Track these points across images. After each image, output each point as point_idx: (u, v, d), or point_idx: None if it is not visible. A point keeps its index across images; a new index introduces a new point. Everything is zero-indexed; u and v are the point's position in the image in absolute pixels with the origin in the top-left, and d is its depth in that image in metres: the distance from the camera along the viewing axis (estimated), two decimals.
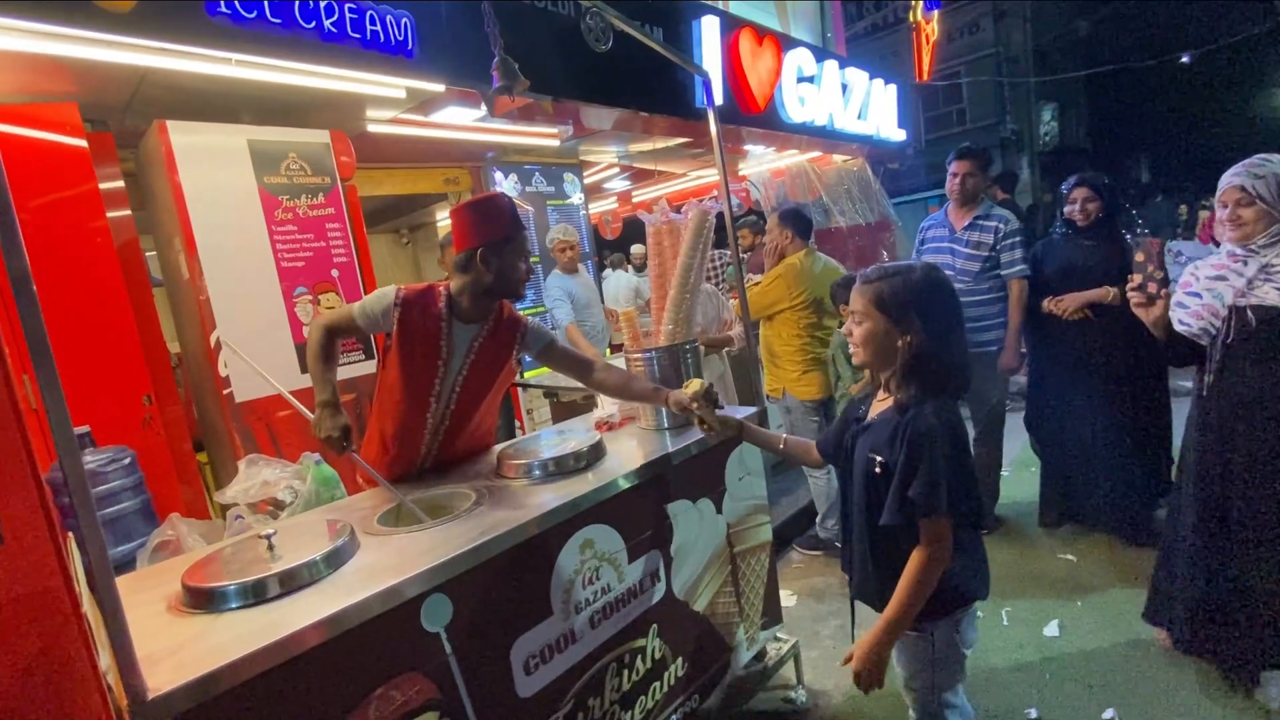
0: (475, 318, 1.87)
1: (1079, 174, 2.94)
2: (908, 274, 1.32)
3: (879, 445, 1.34)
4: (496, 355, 1.91)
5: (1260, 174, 1.77)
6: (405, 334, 1.80)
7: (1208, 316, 1.88)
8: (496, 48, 1.60)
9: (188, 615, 1.18)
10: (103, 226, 2.49)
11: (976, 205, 3.09)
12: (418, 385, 1.84)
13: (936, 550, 1.27)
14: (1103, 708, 2.03)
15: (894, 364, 1.33)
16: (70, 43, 1.76)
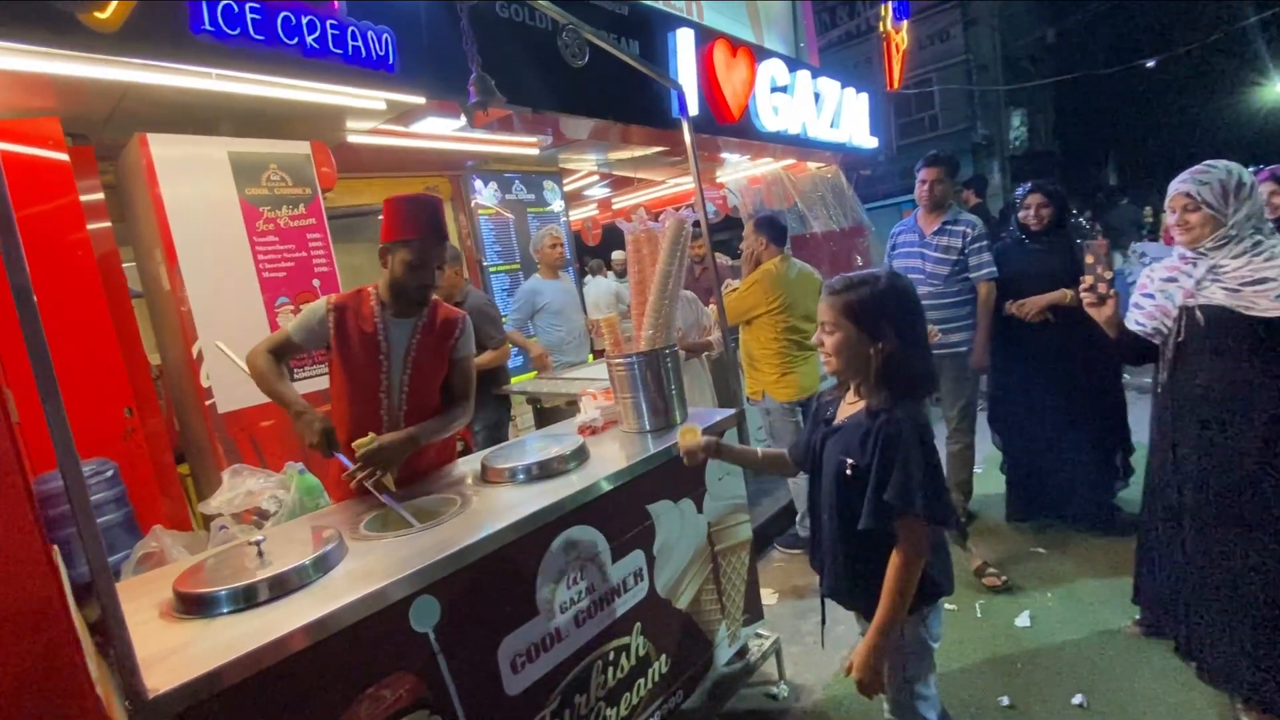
0: (405, 313, 1.90)
1: (1032, 180, 3.09)
2: (875, 283, 1.36)
3: (850, 448, 1.37)
4: (436, 351, 1.95)
5: (1205, 180, 1.87)
6: (343, 336, 1.86)
7: (1160, 316, 1.98)
8: (474, 64, 1.65)
9: (181, 621, 1.21)
10: (83, 238, 2.49)
11: (945, 210, 3.20)
12: (365, 384, 1.88)
13: (914, 550, 1.31)
14: (1072, 693, 2.11)
15: (865, 371, 1.37)
16: (56, 60, 1.78)
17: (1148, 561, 2.23)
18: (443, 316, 1.98)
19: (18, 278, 0.92)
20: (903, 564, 1.31)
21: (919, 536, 1.31)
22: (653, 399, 2.08)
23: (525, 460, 1.81)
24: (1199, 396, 1.93)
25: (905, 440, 1.29)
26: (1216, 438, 1.91)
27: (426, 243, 1.82)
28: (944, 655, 2.38)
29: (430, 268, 1.84)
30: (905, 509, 1.28)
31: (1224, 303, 1.83)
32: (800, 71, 4.57)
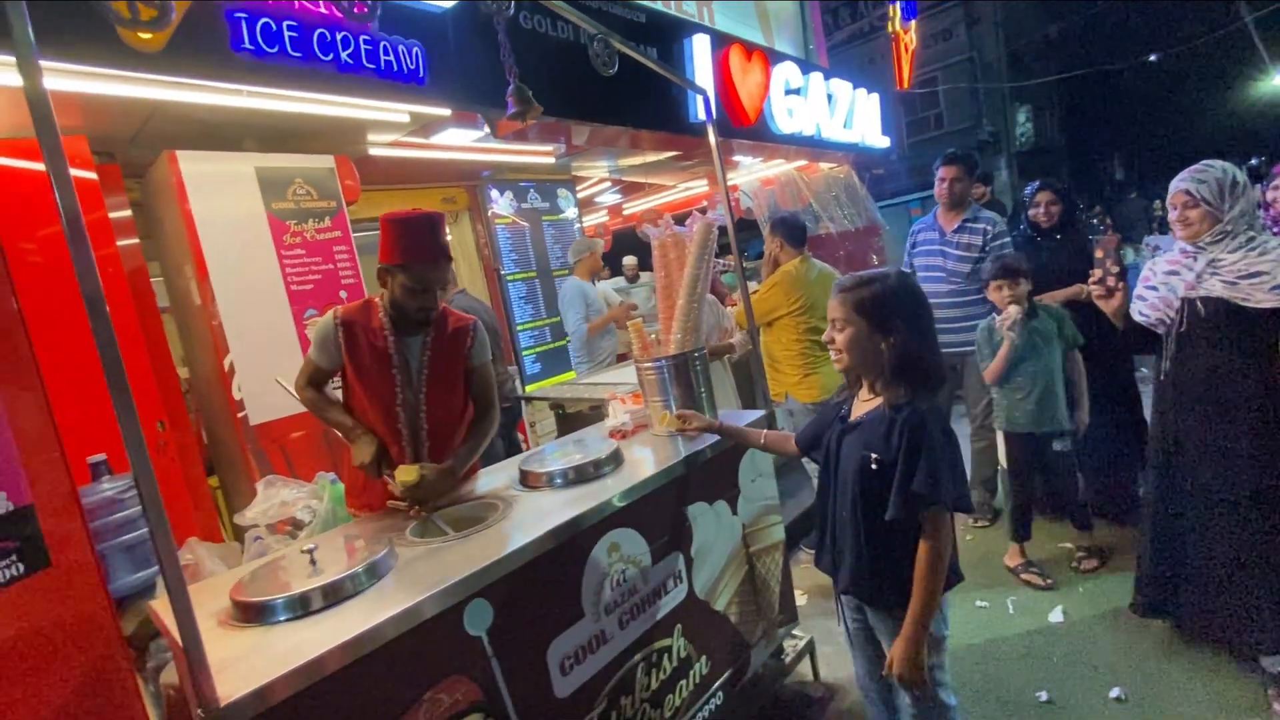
0: (412, 329, 1.83)
1: (1041, 179, 3.11)
2: (884, 280, 1.41)
3: (873, 443, 1.40)
4: (451, 362, 1.88)
5: (1203, 179, 1.94)
6: (353, 349, 1.81)
7: (1163, 308, 2.05)
8: (511, 75, 1.67)
9: (241, 629, 1.22)
10: (113, 254, 2.53)
11: (965, 209, 3.20)
12: (380, 398, 1.82)
13: (942, 538, 1.35)
14: (1110, 687, 2.10)
15: (877, 366, 1.41)
16: (92, 79, 1.81)
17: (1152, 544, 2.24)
18: (453, 325, 1.91)
19: (90, 288, 0.94)
20: (933, 553, 1.35)
21: (945, 525, 1.35)
22: (682, 402, 2.09)
23: (564, 465, 1.82)
24: (1200, 384, 1.99)
25: (930, 431, 1.33)
26: (1216, 424, 1.97)
27: (426, 266, 1.73)
28: (979, 653, 2.37)
29: (432, 291, 1.76)
30: (934, 499, 1.31)
31: (1223, 295, 1.90)
32: (813, 74, 4.59)
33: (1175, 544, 2.14)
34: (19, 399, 1.43)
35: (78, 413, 1.93)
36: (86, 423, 1.98)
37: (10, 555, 1.38)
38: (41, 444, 1.46)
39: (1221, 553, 2.00)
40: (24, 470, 1.41)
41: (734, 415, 2.29)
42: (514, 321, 4.62)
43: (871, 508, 1.40)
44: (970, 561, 3.02)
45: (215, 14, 1.77)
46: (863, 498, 1.43)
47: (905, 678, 1.37)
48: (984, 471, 3.37)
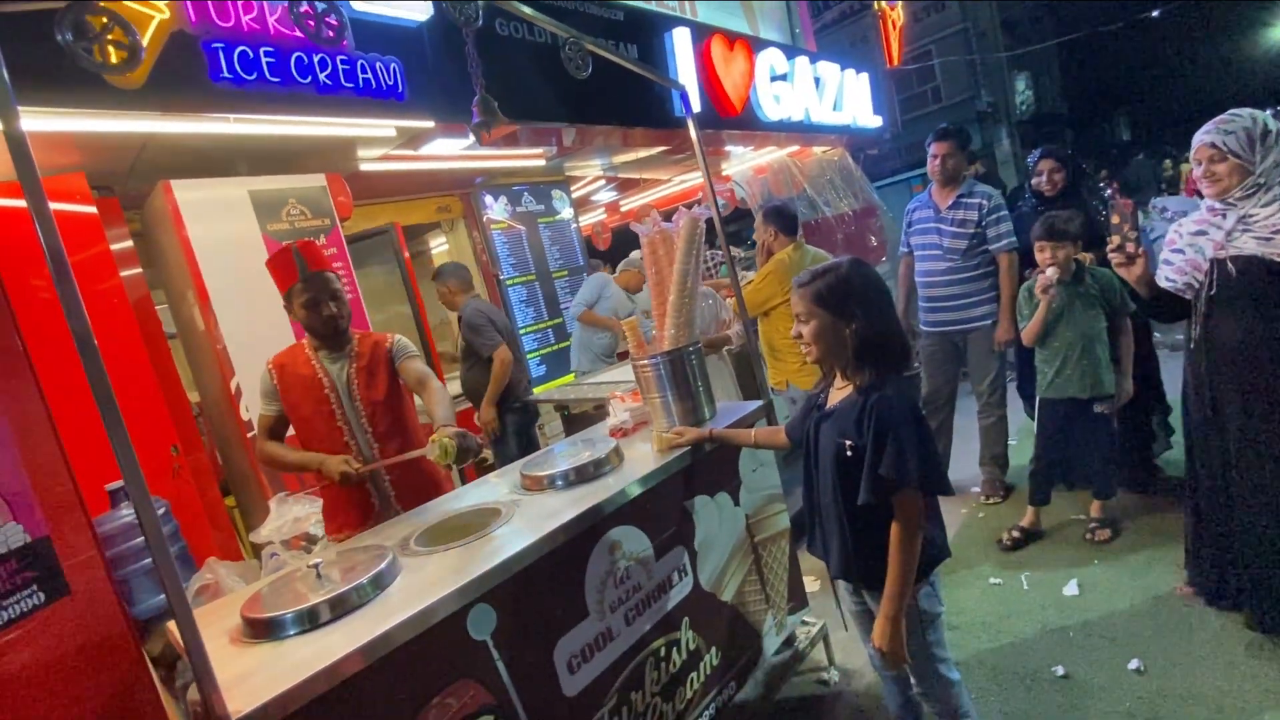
0: (335, 348, 2.07)
1: (1043, 147, 3.07)
2: (837, 270, 1.47)
3: (846, 429, 1.44)
4: (374, 375, 2.08)
5: (1230, 130, 1.85)
6: (286, 388, 2.05)
7: (1191, 271, 1.96)
8: (478, 86, 1.69)
9: (251, 645, 1.26)
10: (117, 286, 2.58)
11: (959, 184, 3.17)
12: (322, 422, 2.04)
13: (912, 520, 1.39)
14: (1128, 659, 2.09)
15: (843, 353, 1.46)
16: (81, 118, 1.86)
17: (1199, 525, 2.20)
18: (371, 341, 2.13)
19: (77, 324, 0.98)
20: (902, 535, 1.39)
21: (914, 507, 1.38)
22: (680, 397, 2.10)
23: (562, 466, 1.84)
24: (1235, 347, 1.91)
25: (896, 414, 1.36)
26: (1257, 387, 1.89)
27: (306, 280, 1.99)
28: (993, 629, 2.37)
29: (325, 300, 2.00)
30: (901, 481, 1.35)
31: (1256, 251, 1.81)
32: (799, 58, 4.56)
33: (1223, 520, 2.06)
34: (30, 435, 1.47)
35: (95, 443, 1.98)
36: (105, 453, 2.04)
37: (31, 585, 1.42)
38: (54, 477, 1.49)
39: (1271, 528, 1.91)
40: (39, 503, 1.45)
41: (734, 406, 2.30)
42: (516, 325, 4.65)
43: (850, 493, 1.44)
44: (982, 538, 3.01)
45: (193, 46, 1.81)
46: (841, 484, 1.47)
47: (886, 655, 1.42)
48: (994, 448, 3.35)
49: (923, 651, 1.53)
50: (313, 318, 2.00)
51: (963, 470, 3.59)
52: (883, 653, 1.42)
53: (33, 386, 1.50)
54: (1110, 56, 18.28)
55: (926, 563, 1.48)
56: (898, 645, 1.41)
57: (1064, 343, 2.67)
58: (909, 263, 3.42)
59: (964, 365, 3.36)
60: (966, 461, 3.59)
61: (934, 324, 3.30)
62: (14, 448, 1.44)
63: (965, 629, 2.41)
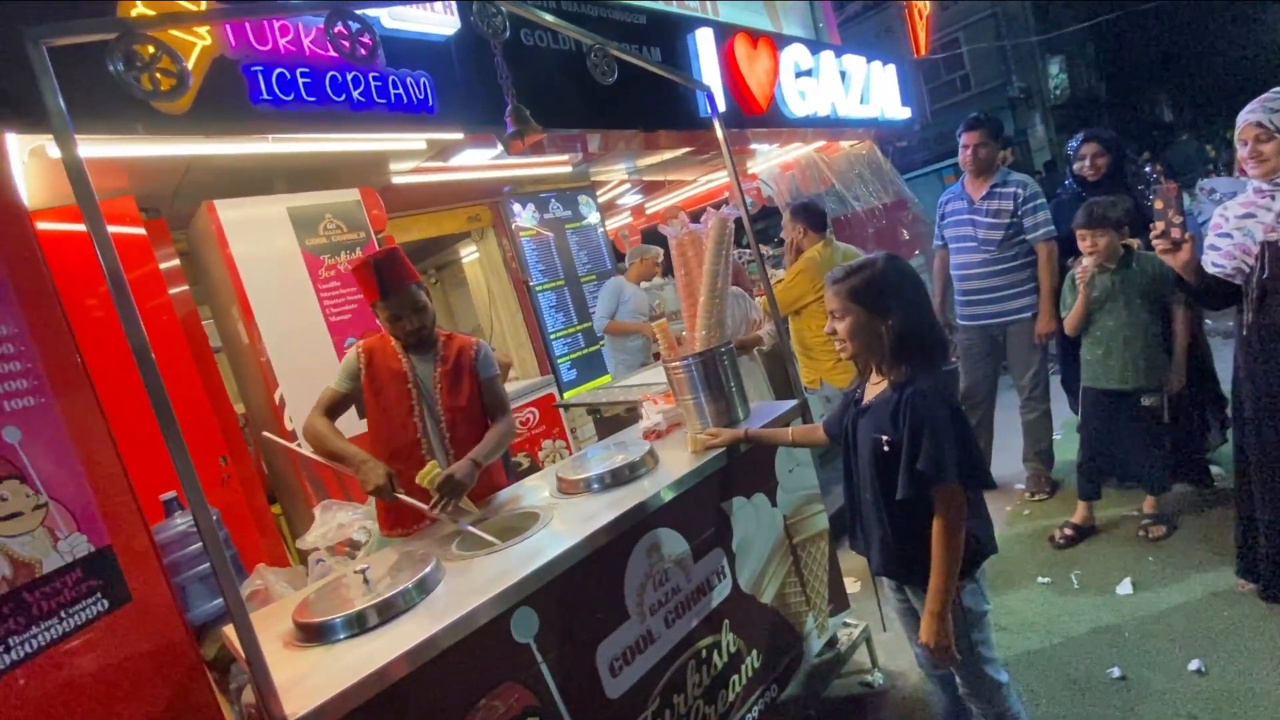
0: (422, 350, 2.07)
1: (1084, 130, 2.96)
2: (872, 266, 1.46)
3: (883, 425, 1.43)
4: (459, 380, 2.08)
5: (1276, 107, 1.78)
6: (373, 375, 2.03)
7: (1240, 255, 1.89)
8: (509, 96, 1.71)
9: (303, 649, 1.29)
10: (166, 303, 2.69)
11: (993, 174, 3.10)
12: (399, 418, 2.02)
13: (953, 514, 1.37)
14: (1188, 660, 2.01)
15: (880, 349, 1.45)
16: (130, 144, 1.94)
17: (1252, 518, 2.10)
18: (458, 346, 2.13)
19: (136, 341, 1.02)
20: (944, 530, 1.37)
21: (956, 500, 1.36)
22: (713, 398, 2.10)
23: (598, 470, 1.85)
24: None
25: (931, 408, 1.35)
26: None
27: (391, 297, 1.98)
28: (1043, 630, 2.30)
29: (406, 316, 1.99)
30: (939, 476, 1.33)
31: None
32: (824, 53, 4.51)
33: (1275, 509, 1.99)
34: (92, 448, 1.54)
35: (148, 455, 2.07)
36: (157, 464, 2.13)
37: (95, 593, 1.49)
38: (114, 489, 1.56)
39: None
40: (101, 514, 1.52)
41: (767, 406, 2.28)
42: (546, 330, 4.69)
43: (889, 489, 1.43)
44: (1029, 536, 2.93)
45: (234, 71, 1.87)
46: (880, 480, 1.46)
47: (934, 651, 1.40)
48: (1038, 443, 3.26)
49: (968, 651, 1.50)
50: (395, 330, 2.02)
51: (1006, 466, 3.49)
52: (930, 649, 1.40)
53: (94, 402, 1.57)
54: (1149, 34, 17.58)
55: (971, 559, 1.46)
56: (945, 641, 1.39)
57: (1107, 332, 2.59)
58: (944, 256, 3.35)
59: (1004, 359, 3.28)
60: (1010, 457, 3.50)
61: (971, 317, 3.23)
62: (77, 461, 1.51)
63: (1013, 629, 2.35)
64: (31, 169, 2.06)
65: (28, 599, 1.38)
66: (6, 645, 1.33)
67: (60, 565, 1.43)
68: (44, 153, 1.91)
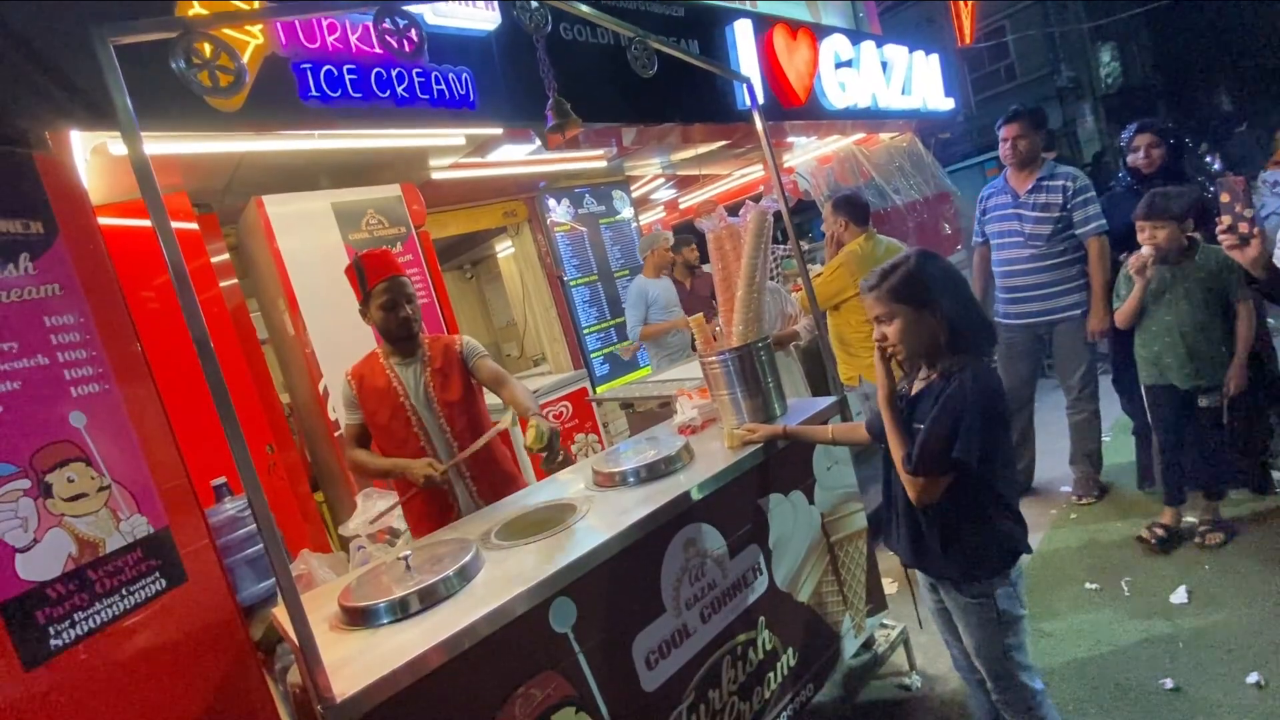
0: (405, 353, 2.13)
1: (1139, 120, 2.84)
2: (906, 263, 1.44)
3: (923, 416, 1.42)
4: (449, 377, 2.14)
5: None
6: (365, 393, 2.12)
7: None
8: (550, 90, 1.72)
9: (349, 632, 1.33)
10: (217, 296, 2.78)
11: (1037, 167, 2.99)
12: (400, 428, 2.09)
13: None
14: (1246, 672, 1.93)
15: (936, 343, 1.42)
16: (185, 141, 2.01)
17: None
18: (443, 345, 2.19)
19: (197, 331, 1.06)
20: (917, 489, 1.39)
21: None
22: (750, 394, 2.08)
23: (635, 463, 1.85)
24: None
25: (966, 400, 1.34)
26: None
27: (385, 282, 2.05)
28: (1091, 638, 2.23)
29: (401, 302, 2.06)
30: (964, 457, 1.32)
31: None
32: (864, 43, 4.42)
33: None
34: (151, 434, 1.60)
35: (200, 441, 2.15)
36: (208, 450, 2.21)
37: (155, 573, 1.56)
38: (171, 473, 1.63)
39: None
40: (160, 498, 1.59)
41: (805, 403, 2.25)
42: (580, 325, 4.72)
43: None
44: (1076, 541, 2.84)
45: (284, 69, 1.92)
46: None
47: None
48: (1086, 445, 3.15)
49: (1001, 656, 1.47)
50: (389, 319, 2.06)
51: (1051, 470, 3.39)
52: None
53: (153, 390, 1.63)
54: (1207, 19, 16.74)
55: (1006, 558, 1.44)
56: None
57: (1162, 327, 2.49)
58: (984, 253, 3.25)
59: (1048, 358, 3.17)
60: (1055, 460, 3.39)
61: (1016, 315, 3.13)
62: (138, 446, 1.57)
63: (1059, 636, 2.28)
64: (94, 166, 2.15)
65: (91, 576, 1.44)
66: (72, 620, 1.40)
67: (122, 545, 1.50)
68: (105, 150, 1.99)
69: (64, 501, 1.42)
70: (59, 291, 1.50)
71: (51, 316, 1.48)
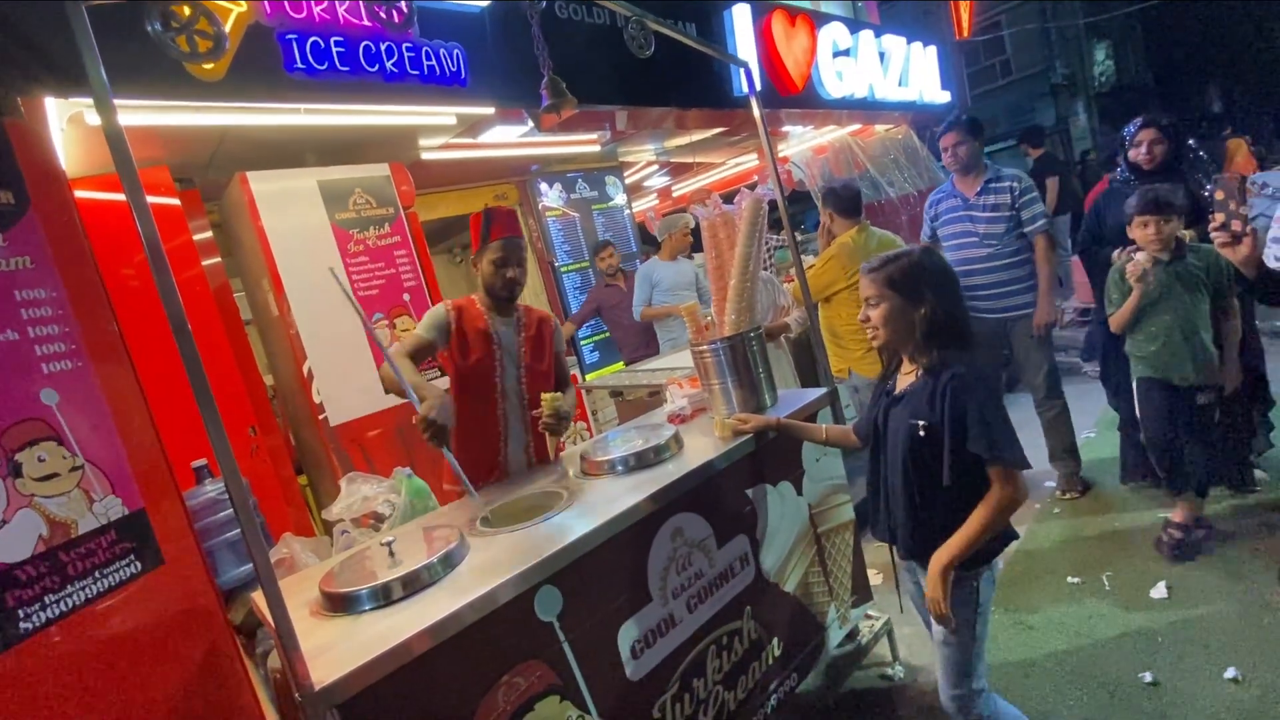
0: (503, 312, 2.13)
1: (1143, 115, 2.83)
2: (910, 255, 1.49)
3: (919, 411, 1.43)
4: (541, 347, 2.18)
5: None
6: (461, 334, 2.08)
7: None
8: (545, 68, 1.68)
9: (329, 618, 1.30)
10: (199, 274, 2.72)
11: (981, 171, 3.13)
12: (481, 383, 2.08)
13: (1011, 493, 1.36)
14: (1224, 668, 1.95)
15: (913, 337, 1.46)
16: (166, 112, 1.95)
17: None
18: (537, 317, 2.21)
19: (173, 311, 1.02)
20: (997, 509, 1.36)
21: (1016, 483, 1.35)
22: (741, 384, 2.06)
23: (623, 452, 1.84)
24: None
25: (974, 389, 1.35)
26: None
27: (505, 239, 2.04)
28: (1071, 631, 2.25)
29: (512, 265, 2.06)
30: (995, 457, 1.33)
31: None
32: (863, 32, 4.38)
33: None
34: (127, 414, 1.56)
35: (181, 422, 2.10)
36: (189, 431, 2.16)
37: (129, 555, 1.51)
38: (149, 454, 1.58)
39: None
40: (135, 479, 1.54)
41: (794, 394, 2.24)
42: (570, 312, 4.68)
43: (923, 474, 1.44)
44: (1058, 535, 2.86)
45: (268, 39, 1.86)
46: (914, 465, 1.46)
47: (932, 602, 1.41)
48: (1064, 441, 3.18)
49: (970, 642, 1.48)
50: (497, 276, 2.05)
51: (1034, 465, 3.41)
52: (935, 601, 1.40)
53: (129, 369, 1.58)
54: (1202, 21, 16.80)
55: (997, 544, 1.47)
56: (941, 595, 1.39)
57: (1161, 327, 2.46)
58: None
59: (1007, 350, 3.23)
60: (1037, 456, 3.40)
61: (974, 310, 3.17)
62: (113, 425, 1.52)
63: (1040, 629, 2.30)
64: (70, 136, 2.08)
65: (63, 558, 1.40)
66: (43, 602, 1.36)
67: (95, 527, 1.45)
68: (82, 120, 1.93)
69: (34, 481, 1.38)
70: (30, 265, 1.45)
71: (22, 290, 1.42)
